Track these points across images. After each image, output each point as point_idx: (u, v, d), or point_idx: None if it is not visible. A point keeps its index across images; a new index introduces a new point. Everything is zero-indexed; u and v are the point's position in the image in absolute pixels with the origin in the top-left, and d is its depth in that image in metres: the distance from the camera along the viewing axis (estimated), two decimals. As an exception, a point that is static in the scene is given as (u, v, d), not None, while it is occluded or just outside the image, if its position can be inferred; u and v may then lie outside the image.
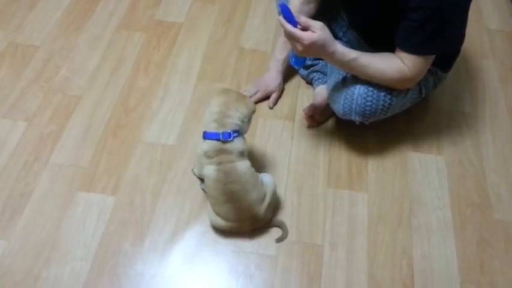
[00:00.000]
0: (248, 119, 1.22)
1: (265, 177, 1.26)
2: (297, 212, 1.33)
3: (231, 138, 1.17)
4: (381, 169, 1.43)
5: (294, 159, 1.44)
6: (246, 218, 1.22)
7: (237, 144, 1.18)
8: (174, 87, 1.63)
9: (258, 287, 1.20)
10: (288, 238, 1.28)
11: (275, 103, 1.58)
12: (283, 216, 1.32)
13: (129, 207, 1.33)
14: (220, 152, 1.17)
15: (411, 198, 1.37)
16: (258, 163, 1.43)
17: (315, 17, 1.30)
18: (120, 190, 1.36)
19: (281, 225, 1.29)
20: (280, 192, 1.36)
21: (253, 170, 1.23)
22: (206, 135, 1.19)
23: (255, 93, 1.57)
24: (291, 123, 1.53)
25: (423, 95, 1.42)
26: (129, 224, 1.30)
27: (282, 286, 1.20)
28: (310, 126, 1.52)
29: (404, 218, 1.33)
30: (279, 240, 1.27)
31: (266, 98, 1.58)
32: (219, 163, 1.17)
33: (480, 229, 1.31)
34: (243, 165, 1.19)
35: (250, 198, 1.19)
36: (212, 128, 1.18)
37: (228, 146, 1.17)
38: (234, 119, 1.18)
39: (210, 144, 1.18)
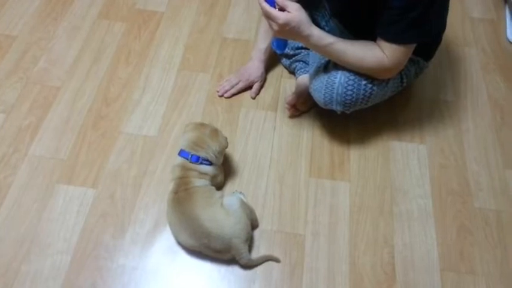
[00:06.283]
0: (220, 154, 1.27)
1: (226, 199, 1.23)
2: (278, 201, 1.33)
3: (199, 162, 1.22)
4: (363, 158, 1.43)
5: (276, 149, 1.44)
6: (210, 243, 1.15)
7: (204, 169, 1.23)
8: (156, 77, 1.61)
9: (240, 277, 1.20)
10: (270, 227, 1.28)
11: (257, 93, 1.57)
12: (265, 206, 1.32)
13: (109, 199, 1.32)
14: (185, 169, 1.22)
15: (393, 187, 1.37)
16: (240, 154, 1.42)
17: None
18: (100, 182, 1.35)
19: (269, 258, 1.23)
20: (262, 182, 1.36)
21: (211, 190, 1.22)
22: (180, 152, 1.24)
23: (237, 83, 1.56)
24: (273, 113, 1.52)
25: (404, 84, 1.42)
26: (110, 216, 1.29)
27: (264, 276, 1.21)
28: (292, 116, 1.51)
29: (386, 206, 1.33)
30: (277, 260, 1.23)
31: (248, 88, 1.57)
32: (179, 177, 1.21)
33: (460, 217, 1.32)
34: (199, 182, 1.21)
35: (199, 214, 1.15)
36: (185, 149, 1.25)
37: (193, 166, 1.22)
38: (206, 150, 1.23)
39: (180, 160, 1.23)
